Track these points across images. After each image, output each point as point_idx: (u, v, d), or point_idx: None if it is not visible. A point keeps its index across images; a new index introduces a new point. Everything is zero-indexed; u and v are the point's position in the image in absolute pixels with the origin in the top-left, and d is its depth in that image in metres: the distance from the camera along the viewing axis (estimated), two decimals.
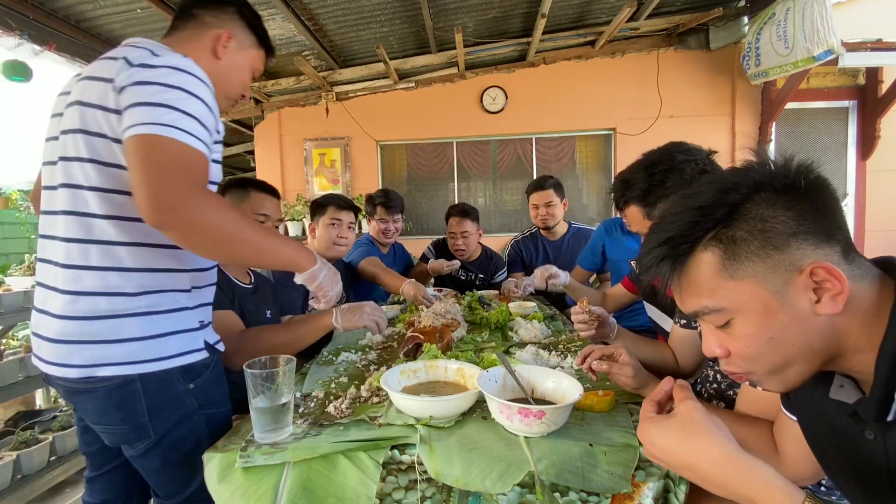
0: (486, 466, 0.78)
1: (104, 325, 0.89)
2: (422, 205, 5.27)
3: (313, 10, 3.53)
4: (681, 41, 4.71)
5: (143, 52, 0.90)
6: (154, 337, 0.92)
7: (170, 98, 0.84)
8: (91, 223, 0.89)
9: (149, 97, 0.83)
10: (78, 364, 0.88)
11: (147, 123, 0.81)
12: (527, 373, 1.02)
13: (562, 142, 5.10)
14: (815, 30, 3.33)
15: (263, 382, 0.88)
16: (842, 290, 0.55)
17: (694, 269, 0.62)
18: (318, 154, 5.15)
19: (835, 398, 0.64)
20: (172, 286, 0.96)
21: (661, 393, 0.68)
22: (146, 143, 0.81)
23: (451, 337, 1.43)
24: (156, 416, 0.93)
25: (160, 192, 0.79)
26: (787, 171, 0.59)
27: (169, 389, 0.94)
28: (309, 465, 0.82)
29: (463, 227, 2.71)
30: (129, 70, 0.86)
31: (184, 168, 0.82)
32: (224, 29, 1.06)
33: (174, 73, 0.87)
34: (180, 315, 0.97)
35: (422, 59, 4.64)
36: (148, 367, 0.91)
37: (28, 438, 1.95)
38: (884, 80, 4.43)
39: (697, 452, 0.58)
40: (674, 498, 0.76)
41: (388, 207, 2.63)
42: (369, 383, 1.12)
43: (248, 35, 1.12)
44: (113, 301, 0.89)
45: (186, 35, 1.05)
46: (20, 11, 2.71)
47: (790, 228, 0.57)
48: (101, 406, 0.91)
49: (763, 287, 0.58)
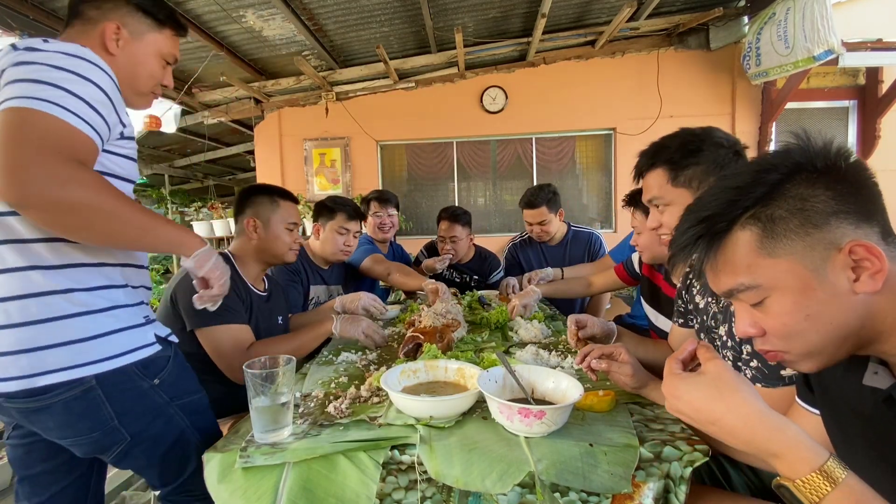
0: (486, 466, 0.78)
1: (40, 330, 0.83)
2: (422, 205, 5.27)
3: (313, 10, 3.53)
4: (681, 41, 4.71)
5: (33, 40, 0.82)
6: (97, 337, 0.87)
7: (54, 77, 0.78)
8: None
9: (28, 74, 0.77)
10: (14, 376, 0.82)
11: (20, 97, 0.75)
12: (527, 373, 1.02)
13: (562, 142, 5.10)
14: (816, 29, 3.33)
15: (263, 382, 0.88)
16: (881, 269, 0.56)
17: (731, 247, 0.62)
18: (318, 154, 5.16)
19: (869, 385, 0.63)
20: (104, 282, 0.91)
21: (685, 353, 0.68)
22: (13, 115, 0.74)
23: (452, 337, 1.43)
24: (125, 416, 0.90)
25: (19, 165, 0.71)
26: (828, 152, 0.59)
27: (132, 389, 0.91)
28: (309, 465, 0.82)
29: (452, 231, 2.66)
30: (13, 53, 0.80)
31: (53, 143, 0.75)
32: (109, 21, 0.97)
33: (66, 58, 0.81)
34: (120, 312, 0.92)
35: (422, 59, 4.64)
36: (95, 368, 0.86)
37: None
38: (884, 80, 4.43)
39: (728, 408, 0.59)
40: (674, 498, 0.76)
41: (381, 201, 2.65)
42: (369, 383, 1.12)
43: (141, 19, 1.00)
44: (43, 303, 0.83)
45: (73, 35, 0.97)
46: (20, 11, 2.71)
47: (830, 208, 0.58)
48: (63, 420, 0.86)
49: (801, 264, 0.58)
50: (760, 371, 0.87)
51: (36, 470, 0.99)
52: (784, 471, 0.55)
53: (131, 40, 1.00)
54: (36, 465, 0.98)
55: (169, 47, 1.06)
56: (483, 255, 2.87)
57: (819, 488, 0.51)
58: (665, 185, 1.15)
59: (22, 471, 0.99)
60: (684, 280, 1.22)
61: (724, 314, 1.01)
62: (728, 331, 0.99)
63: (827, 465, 0.52)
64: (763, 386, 0.87)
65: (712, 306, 1.07)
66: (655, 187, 1.17)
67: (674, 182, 1.13)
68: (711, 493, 0.91)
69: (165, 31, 1.05)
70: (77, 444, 0.91)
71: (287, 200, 1.61)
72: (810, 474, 0.52)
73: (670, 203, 1.14)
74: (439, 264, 2.55)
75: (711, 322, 1.06)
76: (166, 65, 1.07)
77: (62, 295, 0.85)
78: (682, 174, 1.12)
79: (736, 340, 0.96)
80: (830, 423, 0.72)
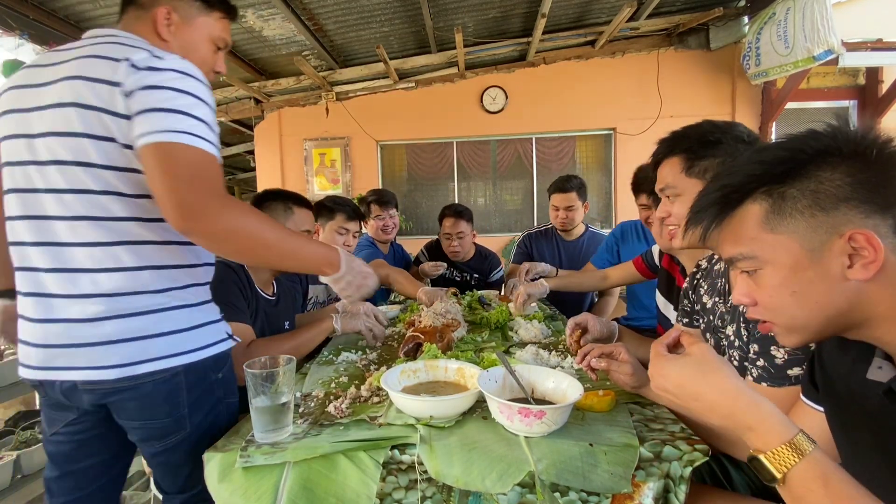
0: (486, 466, 0.78)
1: (145, 321, 0.89)
2: (422, 205, 5.27)
3: (313, 10, 3.53)
4: (681, 41, 4.71)
5: (150, 58, 0.86)
6: (192, 328, 0.94)
7: (183, 104, 0.84)
8: (114, 226, 0.88)
9: (161, 103, 0.82)
10: (116, 364, 0.86)
11: (164, 131, 0.81)
12: (527, 373, 1.02)
13: (562, 142, 5.10)
14: (816, 29, 3.34)
15: (263, 382, 0.88)
16: (875, 260, 0.56)
17: (738, 218, 0.65)
18: (318, 154, 5.16)
19: (872, 379, 0.64)
20: (194, 280, 0.98)
21: (670, 338, 0.72)
22: (165, 152, 0.81)
23: (452, 337, 1.43)
24: (193, 406, 0.94)
25: (186, 200, 0.80)
26: (860, 138, 0.60)
27: (204, 381, 0.95)
28: (309, 465, 0.82)
29: (458, 227, 2.68)
30: (138, 74, 0.84)
31: (203, 175, 0.83)
32: (160, 6, 0.98)
33: (184, 79, 0.86)
34: (207, 307, 1.00)
35: (422, 58, 4.65)
36: (189, 357, 0.92)
37: (28, 438, 1.95)
38: (884, 80, 4.44)
39: (709, 384, 0.63)
40: (674, 498, 0.76)
41: (381, 203, 2.65)
42: (369, 383, 1.12)
43: (190, 3, 1.02)
44: (150, 297, 0.90)
45: (129, 22, 0.99)
46: (20, 11, 2.72)
47: (843, 193, 0.58)
48: (147, 401, 0.90)
49: (798, 243, 0.60)
50: (767, 370, 0.87)
51: (84, 464, 1.00)
52: (756, 443, 0.58)
53: (182, 25, 1.01)
54: (85, 460, 1.00)
55: (219, 30, 1.07)
56: (484, 253, 2.88)
57: (787, 459, 0.54)
58: (679, 175, 1.13)
59: (67, 466, 1.00)
60: (691, 280, 1.22)
61: (731, 314, 1.01)
62: (735, 331, 0.99)
63: (796, 438, 0.55)
64: (769, 385, 0.86)
65: (720, 306, 1.06)
66: (669, 176, 1.15)
67: (688, 172, 1.11)
68: (712, 493, 0.91)
69: (214, 13, 1.05)
70: (143, 428, 0.93)
71: (302, 207, 1.60)
72: (780, 446, 0.55)
73: (682, 193, 1.13)
74: (434, 271, 2.56)
75: (718, 322, 1.06)
76: (217, 50, 1.08)
77: (165, 293, 0.92)
78: (697, 164, 1.10)
79: (743, 340, 0.96)
80: (834, 419, 0.72)
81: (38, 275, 0.89)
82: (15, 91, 0.92)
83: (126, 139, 0.85)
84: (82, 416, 0.96)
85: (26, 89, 0.90)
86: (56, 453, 1.00)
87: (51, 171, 0.87)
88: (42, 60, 0.94)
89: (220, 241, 0.86)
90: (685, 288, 1.24)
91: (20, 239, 0.91)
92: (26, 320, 0.91)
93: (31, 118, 0.88)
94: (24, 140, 0.89)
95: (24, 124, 0.89)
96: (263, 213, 0.91)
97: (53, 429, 0.99)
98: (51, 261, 0.88)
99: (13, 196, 0.91)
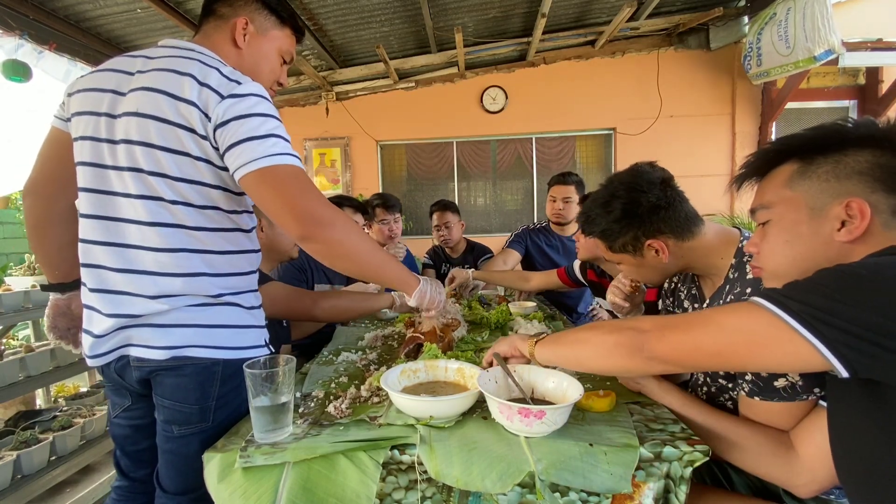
0: (486, 466, 0.78)
1: (198, 313, 0.95)
2: (422, 205, 5.27)
3: (313, 10, 3.53)
4: (681, 41, 4.71)
5: (230, 84, 0.92)
6: (239, 327, 1.00)
7: (271, 128, 0.91)
8: (181, 233, 0.94)
9: (255, 131, 0.89)
10: (166, 346, 0.92)
11: (264, 157, 0.88)
12: (527, 373, 1.02)
13: (562, 142, 5.10)
14: (816, 29, 3.34)
15: (263, 382, 0.88)
16: (859, 227, 0.64)
17: (774, 174, 0.74)
18: (318, 154, 5.16)
19: None
20: (248, 287, 1.05)
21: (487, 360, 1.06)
22: (271, 175, 0.89)
23: (452, 337, 1.43)
24: (220, 401, 0.97)
25: (305, 210, 0.90)
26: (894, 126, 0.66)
27: (236, 377, 0.98)
28: (309, 465, 0.82)
29: (445, 218, 2.91)
30: (223, 103, 0.90)
31: (307, 185, 0.92)
32: (239, 16, 1.05)
33: (262, 102, 0.92)
34: (256, 312, 1.06)
35: (422, 58, 4.64)
36: (230, 353, 0.97)
37: (28, 438, 1.95)
38: (884, 80, 4.43)
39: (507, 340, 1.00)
40: (674, 498, 0.76)
41: (386, 207, 2.66)
42: (369, 383, 1.12)
43: (267, 17, 1.09)
44: (204, 299, 0.95)
45: (208, 31, 1.06)
46: (20, 11, 2.71)
47: (860, 167, 0.65)
48: (184, 383, 0.94)
49: (805, 202, 0.69)
50: (755, 384, 0.85)
51: (143, 445, 1.07)
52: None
53: (257, 35, 1.08)
54: (143, 442, 1.07)
55: (288, 45, 1.15)
56: (473, 245, 3.10)
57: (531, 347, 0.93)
58: (607, 252, 1.09)
59: (128, 447, 1.09)
60: (669, 282, 1.23)
61: None
62: None
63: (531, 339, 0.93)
64: (761, 399, 0.85)
65: None
66: (600, 250, 1.11)
67: (612, 249, 1.08)
68: (712, 493, 0.91)
69: (286, 29, 1.14)
70: (171, 409, 0.96)
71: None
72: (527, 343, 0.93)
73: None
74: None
75: None
76: (283, 63, 1.16)
77: (221, 297, 0.98)
78: (615, 244, 1.07)
79: None
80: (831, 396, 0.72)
81: (105, 272, 0.95)
82: (88, 94, 0.96)
83: (203, 154, 0.92)
84: (136, 402, 1.04)
85: (101, 93, 0.95)
86: (117, 435, 1.09)
87: (127, 176, 0.93)
88: (114, 65, 0.99)
89: (335, 247, 0.94)
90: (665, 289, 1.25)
91: (88, 237, 0.97)
92: (97, 313, 0.97)
93: (109, 123, 0.94)
94: (105, 144, 0.94)
95: (102, 128, 0.94)
96: (362, 230, 0.98)
97: (115, 412, 1.07)
98: (118, 260, 0.94)
99: (85, 195, 0.96)
